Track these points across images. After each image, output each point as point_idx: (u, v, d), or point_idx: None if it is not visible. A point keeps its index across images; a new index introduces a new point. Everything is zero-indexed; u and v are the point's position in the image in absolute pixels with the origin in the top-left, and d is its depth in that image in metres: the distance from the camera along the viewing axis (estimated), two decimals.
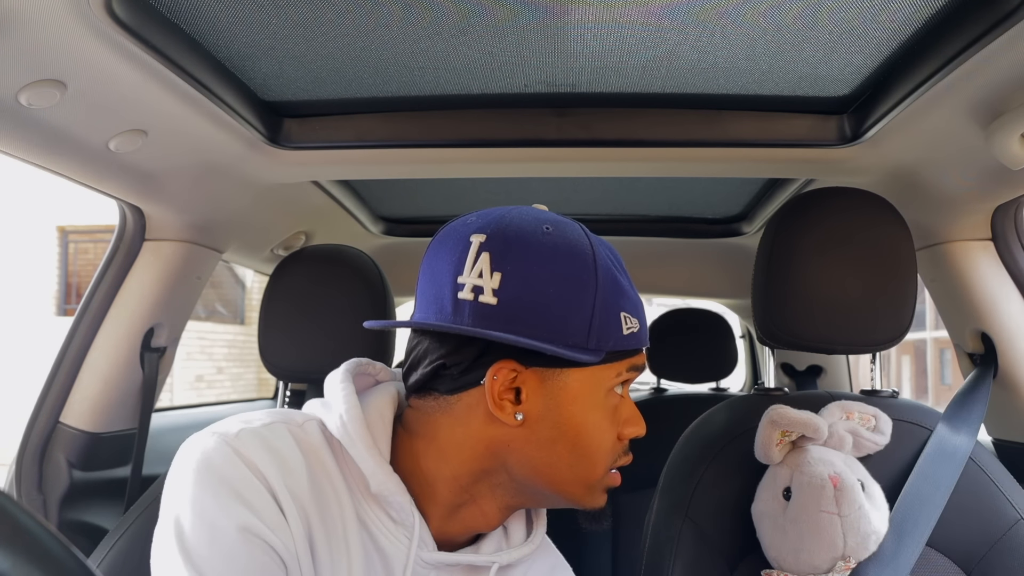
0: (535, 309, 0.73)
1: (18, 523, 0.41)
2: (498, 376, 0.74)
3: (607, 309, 0.75)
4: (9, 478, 1.40)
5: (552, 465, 0.77)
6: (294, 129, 1.35)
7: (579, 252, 0.76)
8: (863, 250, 1.15)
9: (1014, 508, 1.09)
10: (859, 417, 1.11)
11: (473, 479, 0.78)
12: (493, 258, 0.74)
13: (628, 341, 0.76)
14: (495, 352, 0.74)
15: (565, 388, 0.75)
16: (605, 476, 0.80)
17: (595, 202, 2.02)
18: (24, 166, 1.15)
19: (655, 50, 1.09)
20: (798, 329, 1.17)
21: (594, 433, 0.77)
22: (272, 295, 1.31)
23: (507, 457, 0.76)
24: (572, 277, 0.74)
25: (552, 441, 0.76)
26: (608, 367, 0.76)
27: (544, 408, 0.75)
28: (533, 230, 0.76)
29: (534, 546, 0.86)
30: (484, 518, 0.80)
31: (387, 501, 0.76)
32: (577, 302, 0.74)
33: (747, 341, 2.94)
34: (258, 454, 0.71)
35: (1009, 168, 1.08)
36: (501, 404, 0.74)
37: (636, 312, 0.78)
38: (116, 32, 0.89)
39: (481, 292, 0.73)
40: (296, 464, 0.73)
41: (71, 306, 10.07)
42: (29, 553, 0.40)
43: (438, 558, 0.77)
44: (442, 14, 0.99)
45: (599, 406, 0.77)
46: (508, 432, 0.76)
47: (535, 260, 0.74)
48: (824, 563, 1.01)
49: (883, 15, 0.96)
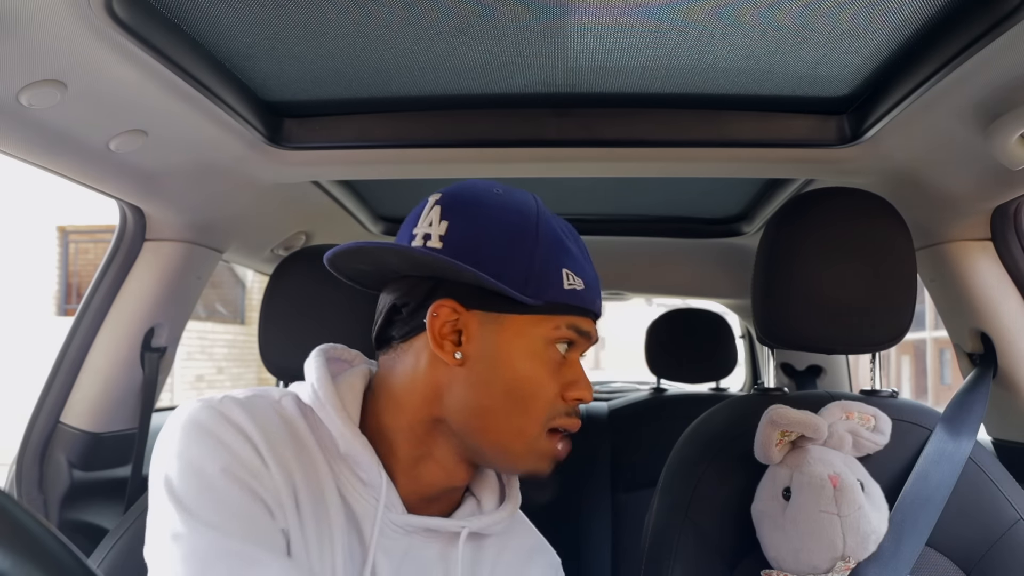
0: (477, 253, 0.78)
1: (18, 523, 0.41)
2: (439, 314, 0.79)
3: (547, 262, 0.80)
4: (9, 478, 1.41)
5: (489, 410, 0.79)
6: (294, 129, 1.35)
7: (522, 210, 0.82)
8: (863, 250, 1.15)
9: (1013, 508, 1.09)
10: (859, 417, 1.11)
11: (425, 428, 0.82)
12: (443, 210, 0.82)
13: (569, 296, 0.81)
14: (440, 295, 0.80)
15: (502, 331, 0.80)
16: (543, 435, 0.81)
17: (595, 202, 2.02)
18: (24, 166, 1.15)
19: (655, 50, 1.09)
20: (798, 329, 1.17)
21: (531, 380, 0.80)
22: (272, 295, 1.31)
23: (449, 400, 0.80)
24: (513, 229, 0.80)
25: (488, 383, 0.79)
26: (547, 318, 0.80)
27: (482, 349, 0.79)
28: (484, 190, 0.84)
29: (505, 514, 0.87)
30: (445, 472, 0.83)
31: (355, 461, 0.80)
32: (516, 250, 0.79)
33: (747, 341, 2.94)
34: (241, 416, 0.75)
35: (1009, 168, 1.08)
36: (442, 344, 0.79)
37: (582, 274, 0.82)
38: (116, 32, 0.89)
39: (429, 238, 0.80)
40: (277, 429, 0.77)
41: (71, 306, 10.08)
42: (29, 553, 0.40)
43: (407, 520, 0.80)
44: (442, 14, 0.99)
45: (537, 356, 0.80)
46: (449, 373, 0.80)
47: (480, 212, 0.81)
48: (824, 563, 1.01)
49: (883, 15, 0.96)
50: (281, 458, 0.75)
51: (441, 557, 0.83)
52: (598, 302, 0.85)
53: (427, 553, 0.83)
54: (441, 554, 0.84)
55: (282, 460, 0.75)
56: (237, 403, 0.77)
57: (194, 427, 0.74)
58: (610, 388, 3.35)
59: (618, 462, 2.11)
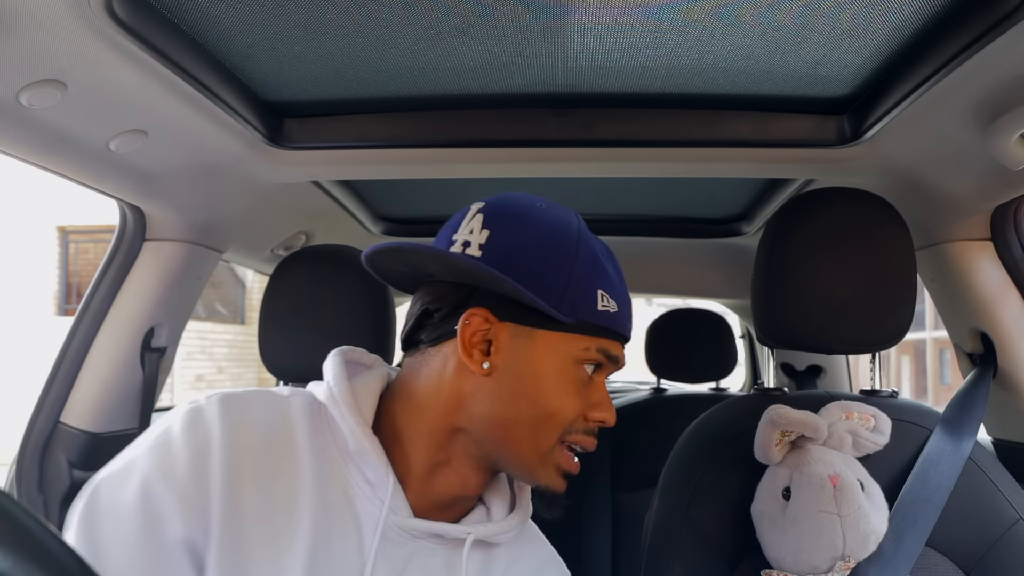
0: (515, 266, 0.78)
1: (18, 523, 0.41)
2: (471, 322, 0.79)
3: (583, 281, 0.80)
4: (9, 478, 1.41)
5: (512, 421, 0.79)
6: (294, 129, 1.35)
7: (563, 227, 0.83)
8: (862, 250, 1.15)
9: (1013, 508, 1.09)
10: (859, 417, 1.11)
11: (445, 435, 0.81)
12: (485, 219, 0.82)
13: (602, 318, 0.81)
14: (474, 303, 0.80)
15: (533, 346, 0.79)
16: (558, 447, 0.81)
17: (595, 202, 2.02)
18: (24, 166, 1.15)
19: (655, 50, 1.09)
20: (798, 329, 1.17)
21: (556, 397, 0.80)
22: (272, 295, 1.31)
23: (472, 409, 0.80)
24: (553, 245, 0.80)
25: (514, 395, 0.79)
26: (578, 337, 0.80)
27: (511, 362, 0.79)
28: (527, 203, 0.84)
29: (514, 523, 0.87)
30: (460, 480, 0.83)
31: (364, 460, 0.79)
32: (555, 266, 0.79)
33: (747, 341, 2.94)
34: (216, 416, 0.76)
35: (1009, 168, 1.08)
36: (471, 352, 0.79)
37: (616, 297, 0.82)
38: (116, 32, 0.89)
39: (469, 245, 0.80)
40: (254, 429, 0.77)
41: (71, 306, 10.08)
42: (29, 553, 0.40)
43: (412, 524, 0.80)
44: (442, 14, 0.99)
45: (564, 374, 0.80)
46: (475, 382, 0.80)
47: (521, 225, 0.81)
48: (824, 563, 1.01)
49: (883, 15, 0.96)
50: (245, 461, 0.75)
51: (447, 564, 0.82)
52: (629, 326, 0.85)
53: (432, 560, 0.82)
54: (447, 561, 0.83)
55: (246, 464, 0.75)
56: (221, 401, 0.77)
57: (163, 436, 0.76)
58: (610, 388, 3.35)
59: (618, 462, 2.11)
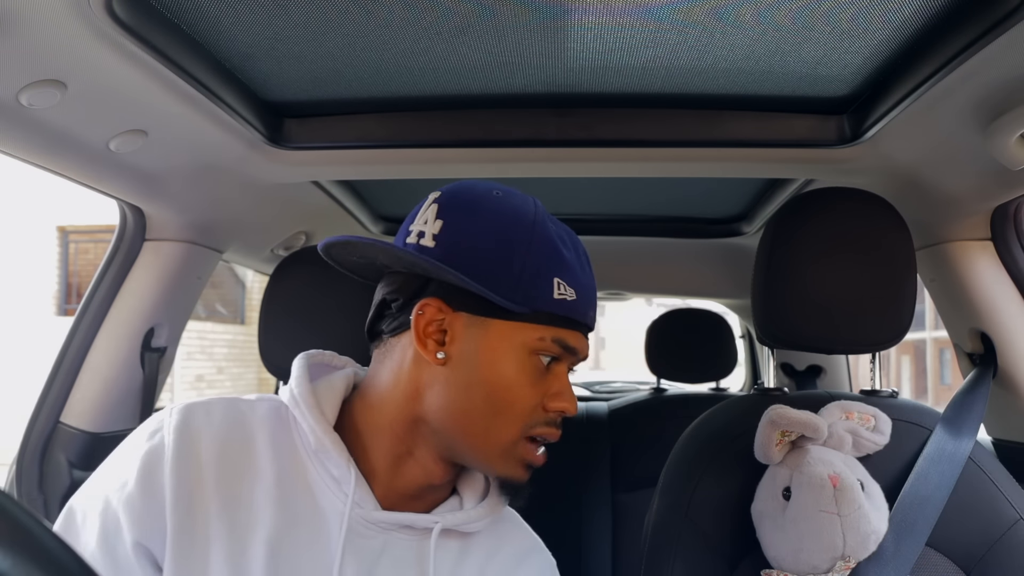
0: (467, 255, 0.79)
1: (18, 523, 0.41)
2: (424, 312, 0.80)
3: (538, 269, 0.80)
4: (9, 478, 1.41)
5: (467, 412, 0.80)
6: (294, 129, 1.35)
7: (519, 215, 0.82)
8: (863, 250, 1.15)
9: (1013, 508, 1.09)
10: (859, 417, 1.11)
11: (406, 426, 0.82)
12: (439, 209, 0.82)
13: (558, 306, 0.80)
14: (428, 293, 0.81)
15: (486, 335, 0.80)
16: (521, 442, 0.82)
17: (595, 202, 2.02)
18: (24, 166, 1.15)
19: (655, 50, 1.09)
20: (798, 329, 1.17)
21: (511, 387, 0.80)
22: (272, 295, 1.31)
23: (430, 399, 0.80)
24: (506, 233, 0.80)
25: (469, 385, 0.79)
26: (532, 327, 0.80)
27: (466, 352, 0.80)
28: (483, 191, 0.84)
29: (483, 511, 0.87)
30: (424, 470, 0.83)
31: (326, 456, 0.81)
32: (507, 255, 0.79)
33: (747, 341, 2.94)
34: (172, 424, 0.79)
35: (1008, 168, 1.08)
36: (425, 342, 0.80)
37: (575, 285, 0.82)
38: (116, 32, 0.89)
39: (423, 236, 0.81)
40: (211, 435, 0.79)
41: (71, 306, 10.07)
42: (29, 553, 0.40)
43: (379, 516, 0.81)
44: (442, 14, 0.99)
45: (520, 363, 0.80)
46: (432, 373, 0.81)
47: (474, 214, 0.81)
48: (824, 563, 1.01)
49: (883, 15, 0.96)
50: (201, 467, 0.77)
51: (418, 555, 0.83)
52: (590, 314, 0.85)
53: (405, 552, 0.83)
54: (418, 552, 0.83)
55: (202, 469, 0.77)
56: (182, 411, 0.80)
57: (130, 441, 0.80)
58: (610, 388, 3.35)
59: (618, 462, 2.11)
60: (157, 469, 0.76)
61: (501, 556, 0.90)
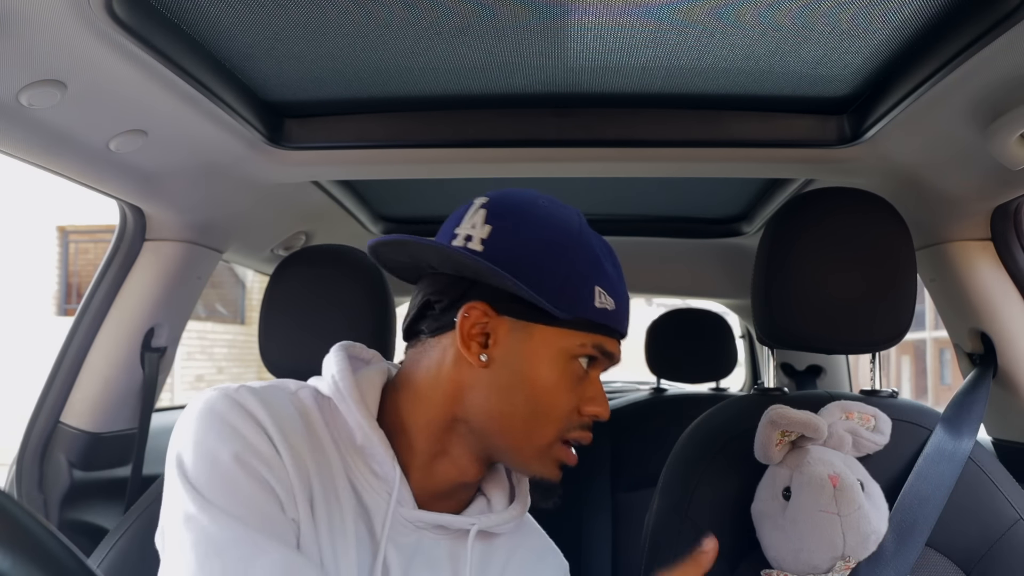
0: (515, 261, 0.80)
1: (18, 523, 0.41)
2: (469, 315, 0.81)
3: (581, 278, 0.82)
4: (9, 478, 1.41)
5: (507, 414, 0.81)
6: (295, 129, 1.35)
7: (564, 224, 0.84)
8: (863, 250, 1.15)
9: (1013, 508, 1.09)
10: (859, 417, 1.11)
11: (444, 426, 0.83)
12: (488, 214, 0.83)
13: (599, 315, 0.82)
14: (474, 296, 0.81)
15: (530, 340, 0.81)
16: (557, 444, 0.83)
17: (595, 202, 2.02)
18: (24, 166, 1.15)
19: (655, 50, 1.09)
20: (798, 329, 1.17)
21: (551, 391, 0.81)
22: (272, 295, 1.31)
23: (470, 400, 0.81)
24: (553, 242, 0.82)
25: (510, 388, 0.80)
26: (574, 333, 0.81)
27: (508, 355, 0.81)
28: (530, 200, 0.86)
29: (515, 513, 0.89)
30: (459, 469, 0.84)
31: (370, 454, 0.80)
32: (554, 263, 0.81)
33: (747, 341, 2.94)
34: (256, 405, 0.76)
35: (1009, 168, 1.08)
36: (469, 344, 0.81)
37: (614, 295, 0.84)
38: (116, 32, 0.89)
39: (470, 240, 0.82)
40: (292, 419, 0.78)
41: (71, 306, 10.07)
42: (29, 553, 0.40)
43: (417, 516, 0.82)
44: (442, 14, 0.99)
45: (560, 368, 0.81)
46: (473, 374, 0.81)
47: (523, 221, 0.83)
48: (824, 563, 1.01)
49: (883, 15, 0.96)
50: (294, 448, 0.76)
51: (451, 555, 0.84)
52: (626, 323, 0.87)
53: (437, 550, 0.84)
54: (451, 551, 0.84)
55: (295, 450, 0.76)
56: (253, 393, 0.78)
57: (210, 414, 0.75)
58: (610, 388, 3.35)
59: (618, 462, 2.11)
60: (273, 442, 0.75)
61: (520, 555, 0.91)
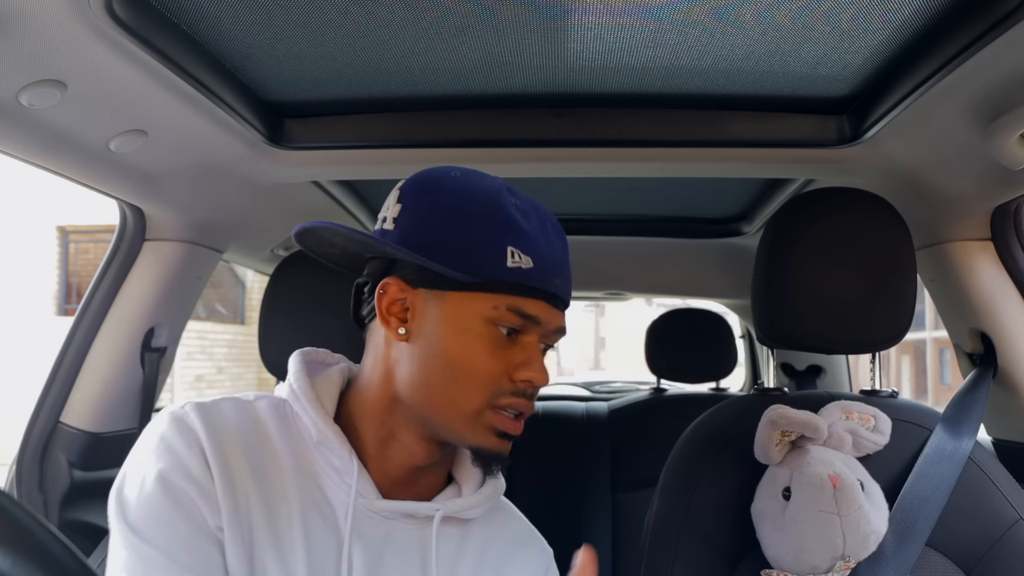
0: (421, 233, 0.82)
1: (18, 523, 0.41)
2: (386, 291, 0.83)
3: (490, 240, 0.81)
4: (9, 478, 1.41)
5: (429, 384, 0.82)
6: (295, 129, 1.35)
7: (473, 192, 0.84)
8: (862, 250, 1.15)
9: (1013, 508, 1.09)
10: (858, 417, 1.11)
11: (384, 408, 0.85)
12: (400, 194, 0.86)
13: (511, 274, 0.81)
14: (392, 274, 0.84)
15: (443, 308, 0.82)
16: (488, 410, 0.82)
17: (595, 202, 2.02)
18: (24, 166, 1.15)
19: (655, 50, 1.09)
20: (798, 329, 1.17)
21: (467, 356, 0.81)
22: (272, 295, 1.31)
23: (399, 377, 0.83)
24: (458, 208, 0.83)
25: (429, 357, 0.82)
26: (486, 296, 0.81)
27: (425, 326, 0.82)
28: (441, 174, 0.87)
29: (483, 498, 0.89)
30: (408, 451, 0.85)
31: (328, 448, 0.83)
32: (456, 229, 0.82)
33: (747, 341, 2.94)
34: (197, 422, 0.79)
35: (1009, 168, 1.08)
36: (388, 320, 0.83)
37: (532, 252, 0.82)
38: (116, 32, 0.89)
39: (385, 221, 0.85)
40: (236, 430, 0.81)
41: (71, 306, 10.07)
42: (29, 553, 0.40)
43: (381, 505, 0.83)
44: (442, 14, 0.99)
45: (474, 332, 0.81)
46: (399, 350, 0.83)
47: (427, 194, 0.85)
48: (824, 563, 1.01)
49: (883, 15, 0.96)
50: (229, 460, 0.78)
51: (420, 544, 0.85)
52: (555, 282, 0.83)
53: (407, 540, 0.84)
54: (420, 541, 0.85)
55: (230, 462, 0.78)
56: (198, 409, 0.81)
57: (151, 433, 0.81)
58: (610, 388, 3.35)
59: (618, 462, 2.11)
60: (205, 460, 0.78)
61: (498, 544, 0.91)
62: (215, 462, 0.77)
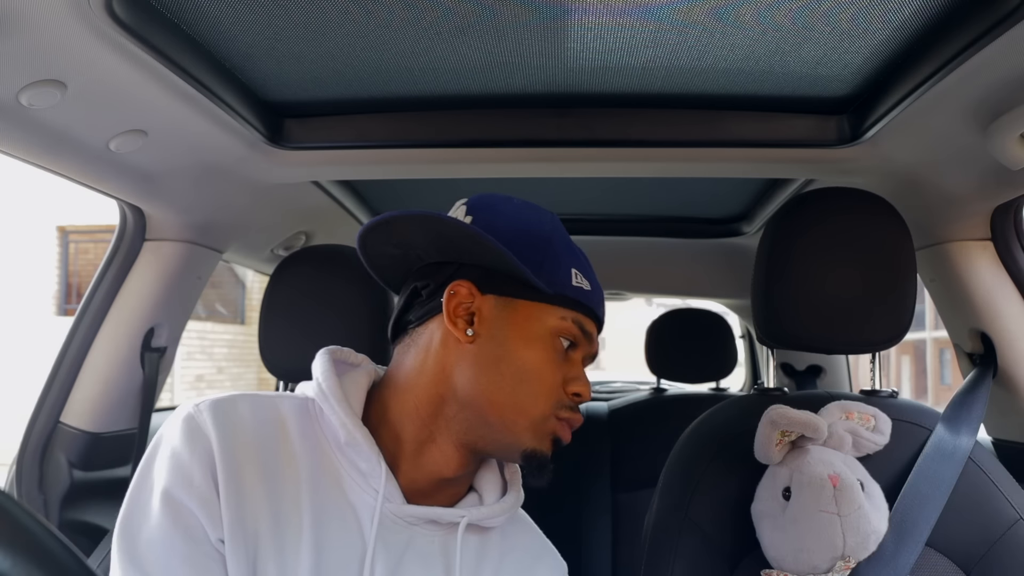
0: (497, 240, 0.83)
1: (18, 523, 0.41)
2: (456, 292, 0.84)
3: (558, 259, 0.87)
4: (10, 478, 1.41)
5: (496, 385, 0.83)
6: (294, 129, 1.35)
7: (538, 216, 0.90)
8: (862, 250, 1.15)
9: (1013, 508, 1.09)
10: (858, 417, 1.11)
11: (431, 409, 0.84)
12: (468, 208, 0.88)
13: (577, 293, 0.86)
14: (459, 277, 0.85)
15: (514, 315, 0.84)
16: (551, 418, 0.84)
17: (595, 202, 2.02)
18: (24, 166, 1.15)
19: (655, 50, 1.09)
20: (798, 329, 1.17)
21: (535, 364, 0.83)
22: (272, 295, 1.31)
23: (457, 378, 0.83)
24: (529, 227, 0.87)
25: (497, 360, 0.83)
26: (556, 308, 0.85)
27: (494, 329, 0.84)
28: (503, 199, 0.91)
29: (506, 506, 0.89)
30: (443, 458, 0.85)
31: (356, 451, 0.82)
32: (531, 245, 0.86)
33: (747, 341, 2.94)
34: (211, 425, 0.78)
35: (1008, 168, 1.08)
36: (455, 321, 0.84)
37: (589, 278, 0.88)
38: (116, 32, 0.89)
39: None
40: (248, 431, 0.80)
41: (71, 306, 10.07)
42: (29, 553, 0.40)
43: (406, 511, 0.83)
44: (442, 14, 0.99)
45: (543, 343, 0.84)
46: (460, 351, 0.84)
47: (500, 213, 0.88)
48: (824, 563, 1.01)
49: (883, 15, 0.96)
50: (244, 462, 0.78)
51: (443, 550, 0.85)
52: (602, 308, 0.90)
53: (429, 546, 0.84)
54: (443, 547, 0.85)
55: (245, 464, 0.77)
56: (214, 410, 0.79)
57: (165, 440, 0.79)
58: (610, 388, 3.35)
59: (618, 462, 2.11)
60: (212, 467, 0.77)
61: (516, 554, 0.92)
62: (223, 467, 0.76)
